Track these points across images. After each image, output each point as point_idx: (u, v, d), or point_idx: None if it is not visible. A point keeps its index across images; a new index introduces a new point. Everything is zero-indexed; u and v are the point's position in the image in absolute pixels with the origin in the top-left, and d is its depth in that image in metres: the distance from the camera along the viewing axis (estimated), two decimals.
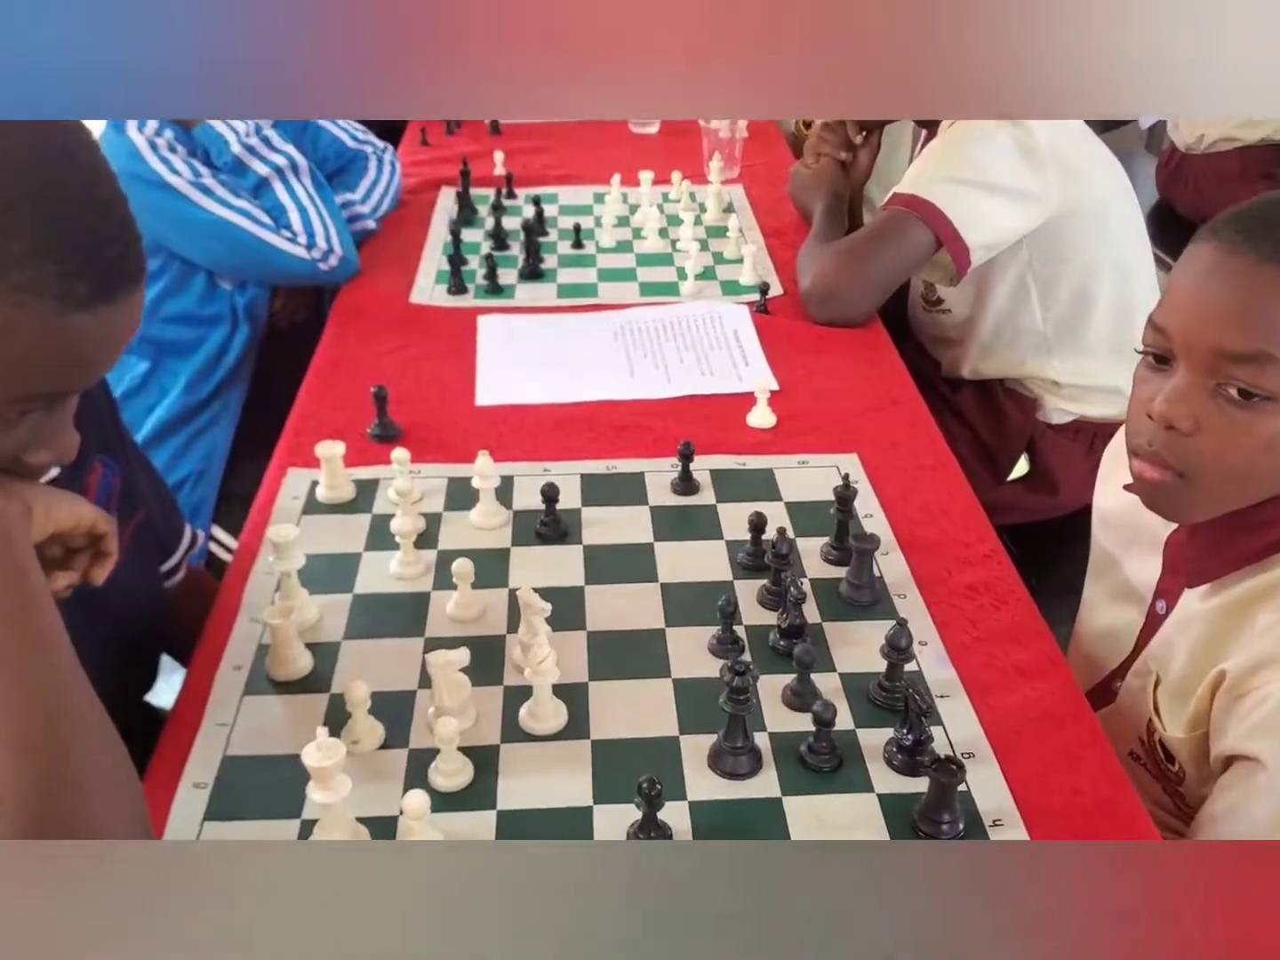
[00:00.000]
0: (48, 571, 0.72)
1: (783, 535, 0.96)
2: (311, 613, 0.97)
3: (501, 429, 1.28)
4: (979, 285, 1.57)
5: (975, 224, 1.45)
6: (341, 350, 1.45)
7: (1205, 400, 0.81)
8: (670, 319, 1.51)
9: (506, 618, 0.97)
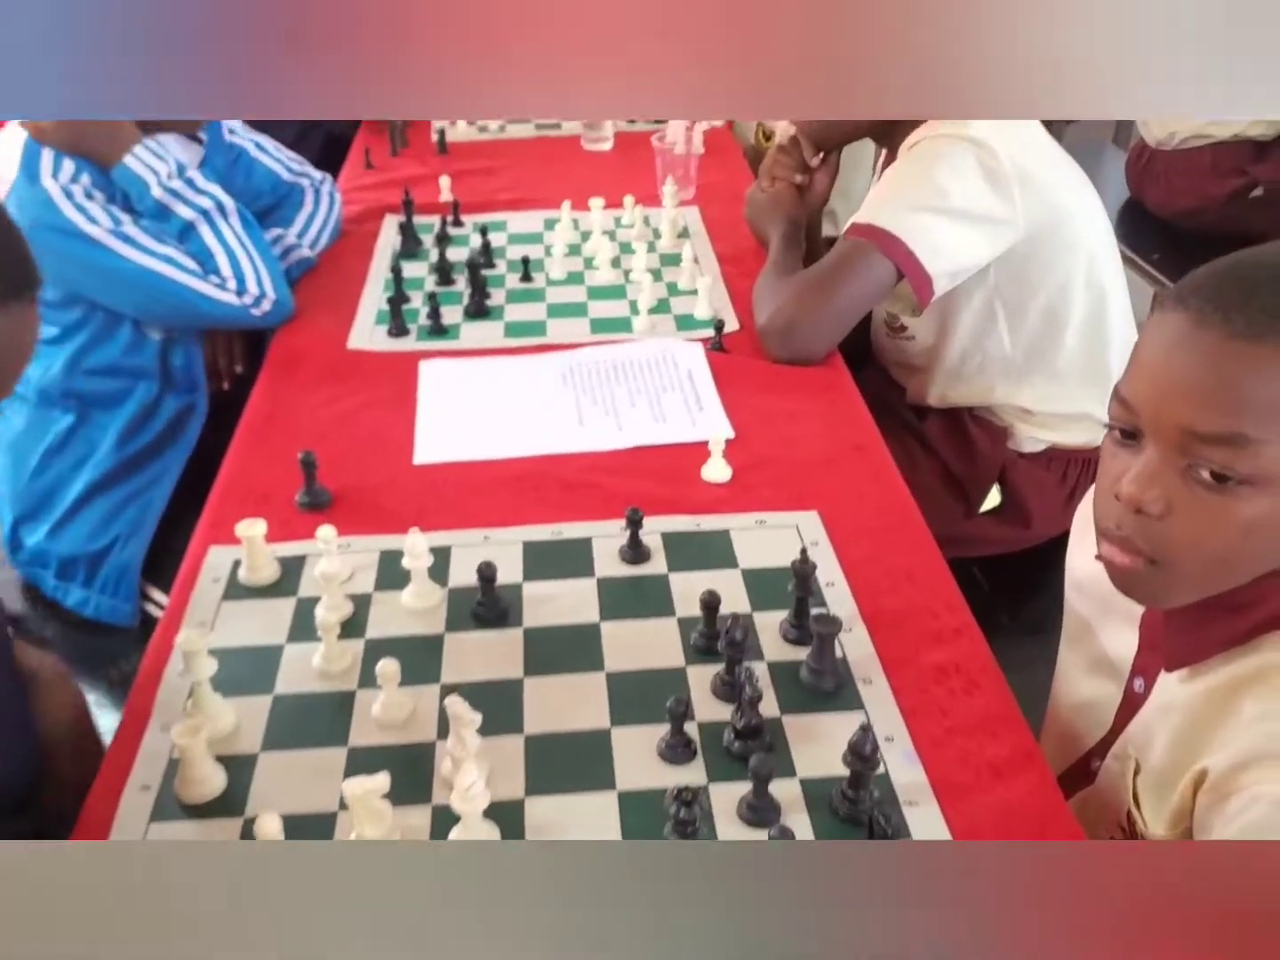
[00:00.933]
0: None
1: (736, 621, 0.89)
2: (226, 722, 0.90)
3: (441, 490, 1.20)
4: (944, 312, 1.50)
5: (938, 253, 1.38)
6: (275, 404, 1.36)
7: (1176, 481, 0.74)
8: (622, 359, 1.43)
9: (437, 721, 0.89)
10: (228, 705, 0.91)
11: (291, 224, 1.70)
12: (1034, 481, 1.58)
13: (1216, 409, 0.71)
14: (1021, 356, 1.52)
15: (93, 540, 1.55)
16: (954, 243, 1.39)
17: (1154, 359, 0.75)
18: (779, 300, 1.41)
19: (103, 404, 1.56)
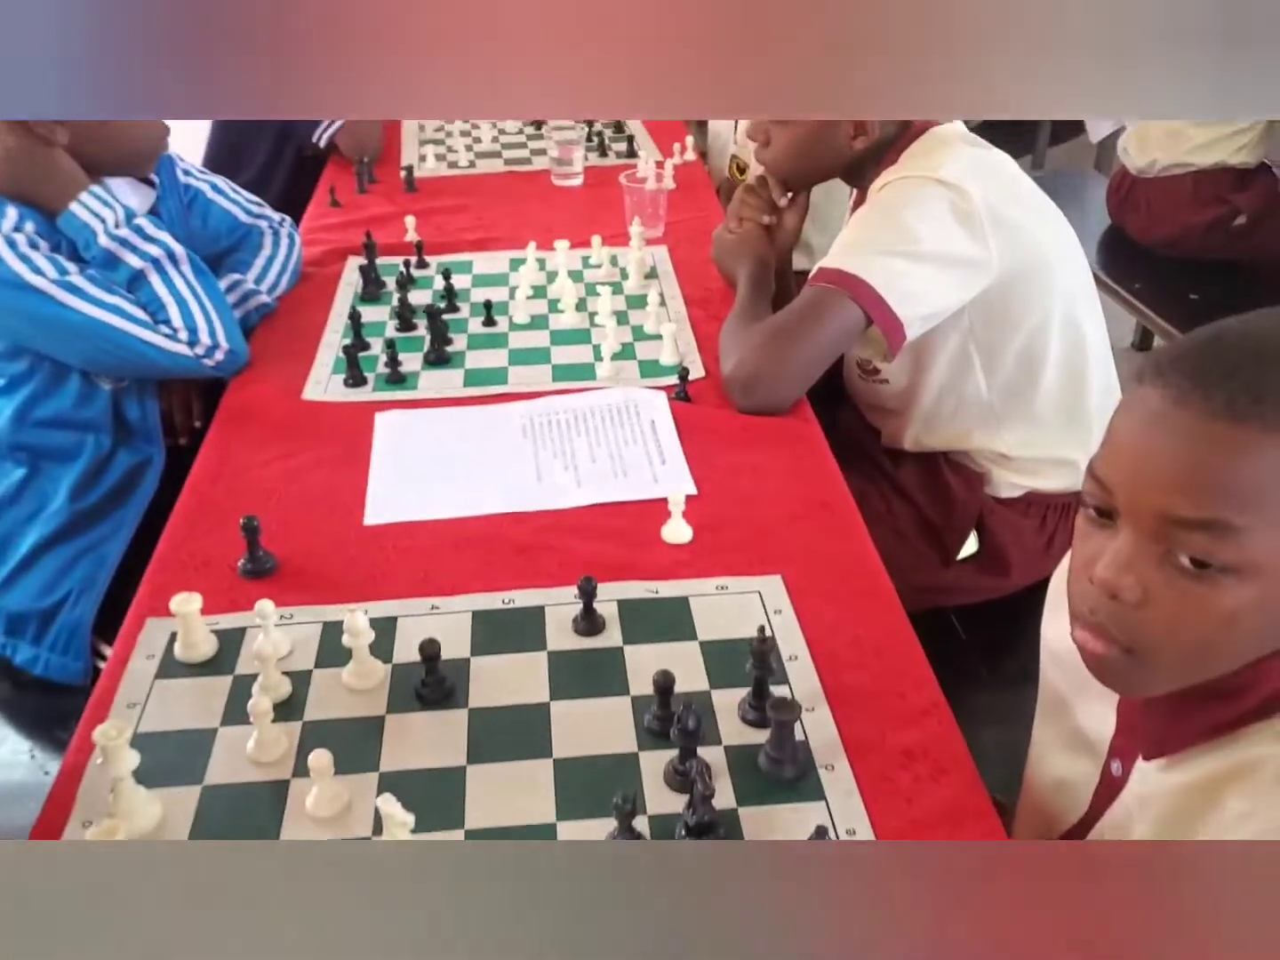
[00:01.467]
0: None
1: (690, 709, 0.84)
2: (149, 818, 0.85)
3: (390, 553, 1.15)
4: (918, 355, 1.46)
5: (909, 298, 1.34)
6: (223, 460, 1.32)
7: (1154, 567, 0.69)
8: (583, 408, 1.39)
9: (373, 815, 0.84)
10: (154, 799, 0.86)
11: (249, 268, 1.66)
12: (1012, 528, 1.53)
13: (1196, 494, 0.67)
14: (998, 400, 1.48)
15: (43, 596, 1.49)
16: (926, 287, 1.35)
17: (1131, 437, 0.71)
18: (744, 349, 1.37)
19: (54, 457, 1.51)
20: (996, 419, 1.49)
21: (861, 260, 1.34)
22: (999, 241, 1.35)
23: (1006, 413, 1.49)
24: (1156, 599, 0.69)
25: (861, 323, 1.34)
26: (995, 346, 1.45)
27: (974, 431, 1.51)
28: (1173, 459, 0.67)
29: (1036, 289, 1.42)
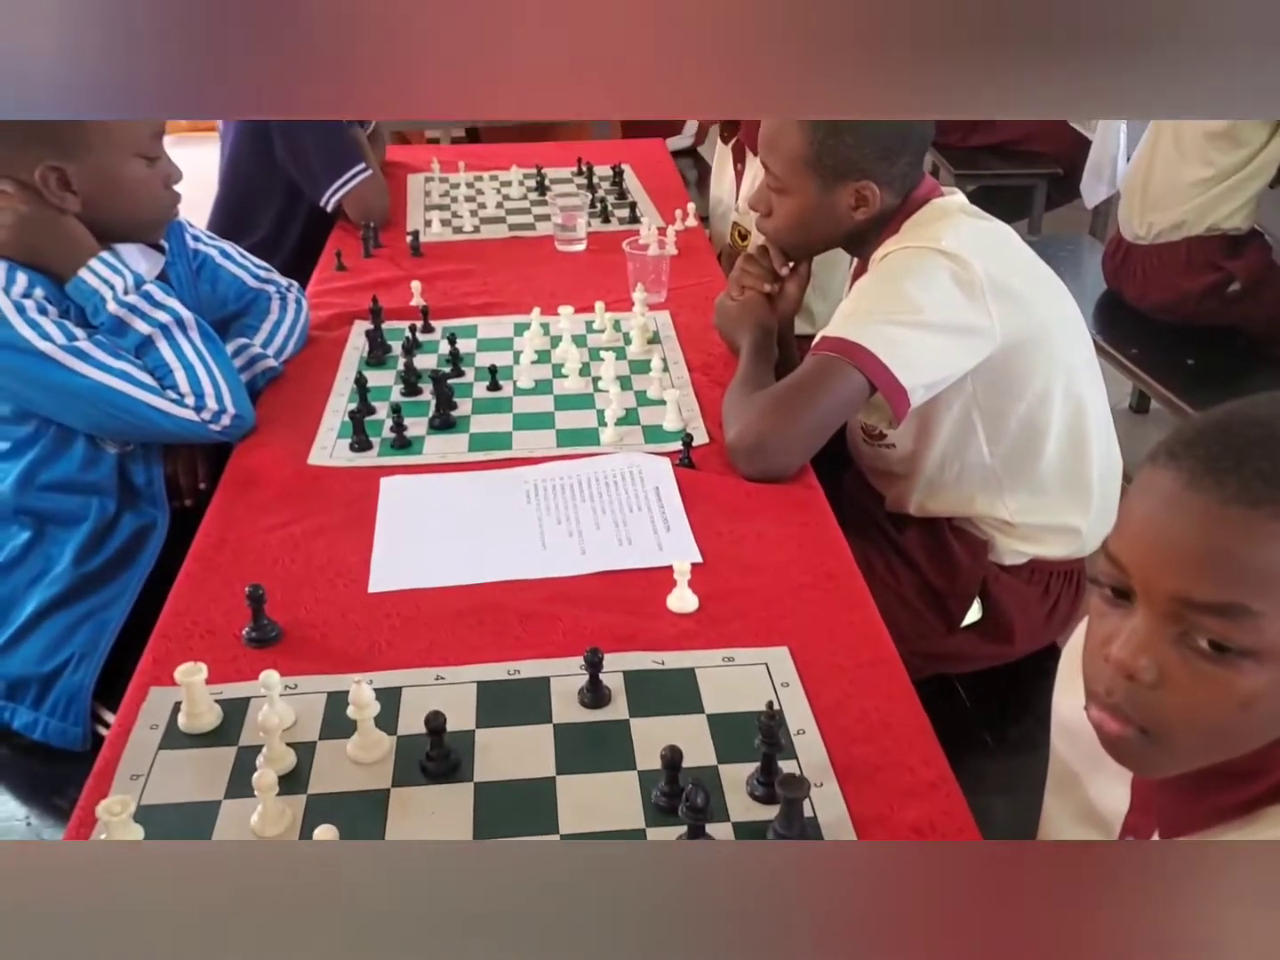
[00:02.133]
0: None
1: (699, 785, 0.83)
2: None
3: (394, 621, 1.15)
4: (922, 420, 1.47)
5: (913, 366, 1.35)
6: (228, 526, 1.32)
7: (1170, 649, 0.69)
8: (588, 474, 1.39)
9: None
10: None
11: (256, 332, 1.67)
12: (1016, 595, 1.53)
13: (1212, 578, 0.67)
14: (1001, 466, 1.49)
15: (44, 661, 1.48)
16: (929, 355, 1.36)
17: (1145, 519, 0.71)
18: (748, 416, 1.38)
19: (59, 520, 1.51)
20: (999, 485, 1.50)
21: (864, 328, 1.36)
22: (1000, 311, 1.37)
23: (1009, 479, 1.49)
24: (1173, 680, 0.69)
25: (865, 390, 1.35)
26: (998, 414, 1.45)
27: (977, 497, 1.51)
28: (1189, 543, 0.68)
29: (1038, 358, 1.44)
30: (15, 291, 1.39)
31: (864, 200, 1.45)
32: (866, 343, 1.34)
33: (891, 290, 1.39)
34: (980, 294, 1.36)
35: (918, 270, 1.38)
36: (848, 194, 1.45)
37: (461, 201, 2.38)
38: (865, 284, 1.43)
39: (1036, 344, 1.43)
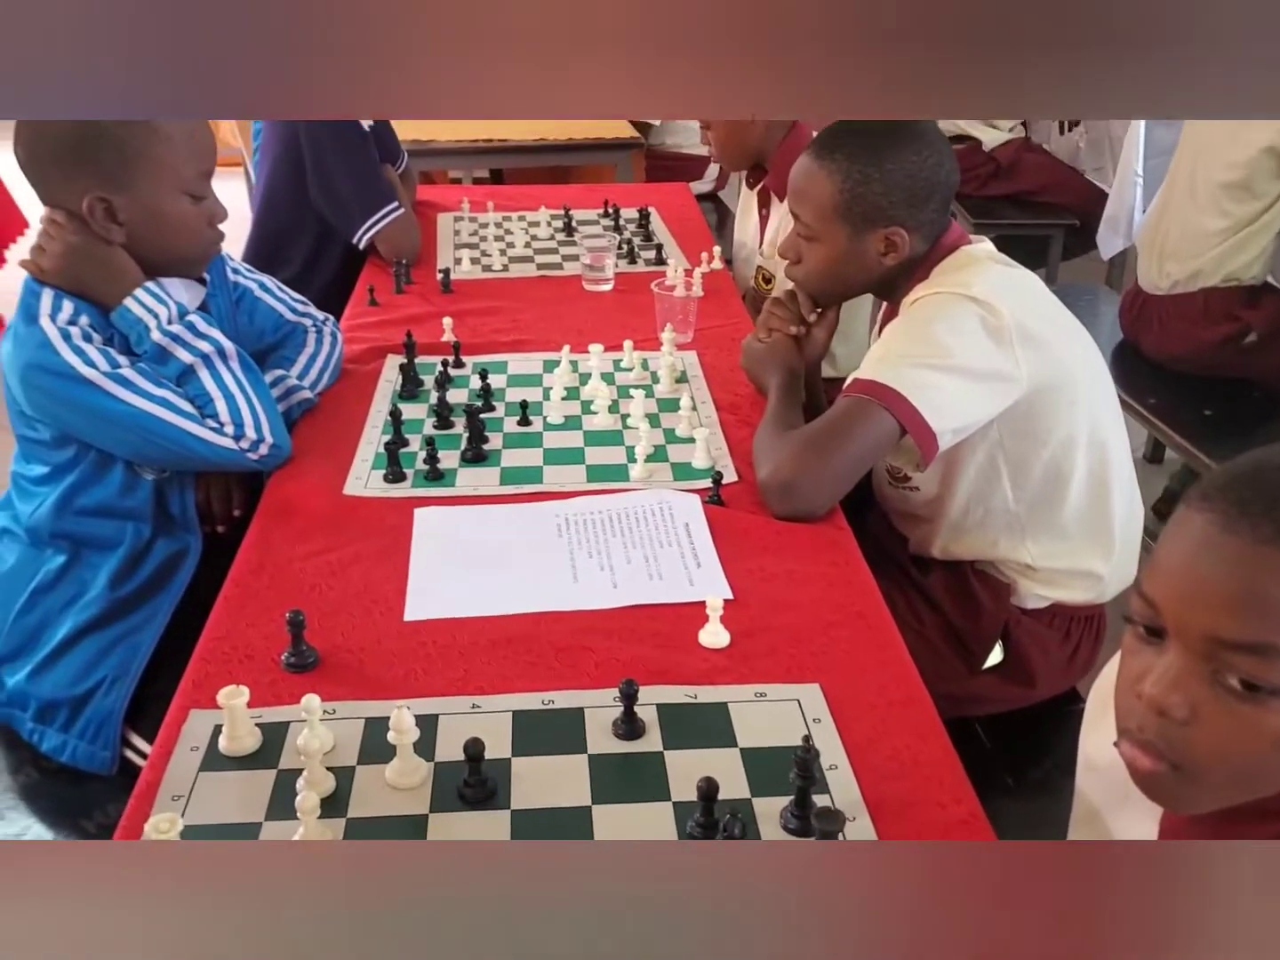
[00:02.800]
0: None
1: (735, 817, 0.85)
2: None
3: (430, 650, 1.17)
4: (947, 464, 1.49)
5: (943, 410, 1.37)
6: (265, 553, 1.34)
7: (1203, 687, 0.71)
8: (618, 509, 1.41)
9: None
10: None
11: (293, 364, 1.70)
12: (1037, 639, 1.55)
13: (1245, 617, 0.69)
14: (1025, 512, 1.51)
15: (76, 684, 1.50)
16: (958, 400, 1.38)
17: (1179, 560, 0.73)
18: (780, 456, 1.40)
19: (95, 545, 1.53)
20: (1022, 530, 1.51)
21: (896, 372, 1.38)
22: (1027, 357, 1.39)
23: (1032, 524, 1.51)
24: (1205, 718, 0.71)
25: (896, 433, 1.37)
26: (1023, 460, 1.47)
27: (1000, 541, 1.53)
28: (1222, 583, 0.70)
29: (1063, 404, 1.45)
30: (61, 318, 1.43)
31: (893, 246, 1.48)
32: (898, 386, 1.36)
33: (922, 334, 1.41)
34: (1008, 340, 1.38)
35: (948, 315, 1.40)
36: (877, 240, 1.48)
37: (491, 240, 2.43)
38: (897, 328, 1.46)
39: (1061, 390, 1.45)
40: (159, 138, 1.42)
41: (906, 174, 1.45)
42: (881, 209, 1.46)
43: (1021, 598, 1.54)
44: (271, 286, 1.75)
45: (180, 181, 1.46)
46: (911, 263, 1.50)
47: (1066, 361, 1.46)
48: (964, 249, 1.50)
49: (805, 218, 1.52)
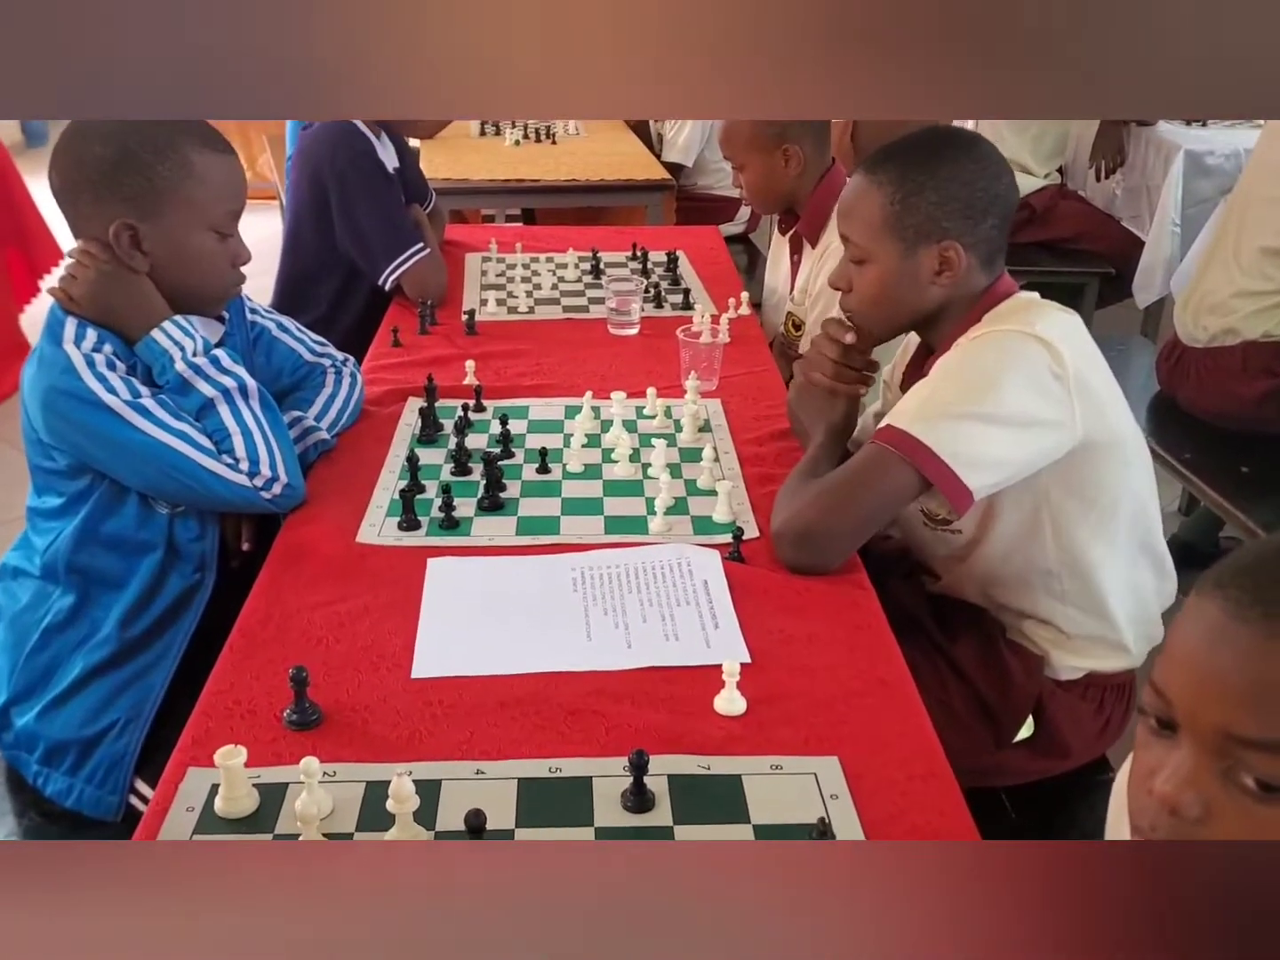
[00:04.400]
0: None
1: None
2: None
3: (435, 710, 1.13)
4: (988, 507, 1.41)
5: (979, 464, 1.31)
6: (274, 601, 1.31)
7: (1216, 784, 0.67)
8: (635, 564, 1.38)
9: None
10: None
11: (310, 405, 1.69)
12: (1070, 712, 1.48)
13: (1260, 713, 0.65)
14: (1066, 575, 1.44)
15: (86, 725, 1.47)
16: (1000, 451, 1.32)
17: (1190, 649, 0.69)
18: (796, 504, 1.36)
19: (107, 582, 1.51)
20: (1062, 593, 1.45)
21: (932, 424, 1.32)
22: (1083, 408, 1.32)
23: (1070, 587, 1.45)
24: (1219, 816, 0.67)
25: (916, 488, 1.33)
26: (1068, 519, 1.41)
27: (1039, 600, 1.47)
28: (1235, 676, 0.66)
29: (1115, 464, 1.40)
30: (85, 345, 1.41)
31: (948, 264, 1.39)
32: (930, 441, 1.31)
33: (975, 376, 1.34)
34: (1068, 386, 1.31)
35: (1008, 355, 1.33)
36: (931, 257, 1.39)
37: (518, 282, 2.41)
38: (949, 366, 1.38)
39: (1112, 449, 1.39)
40: (191, 172, 1.41)
41: (962, 182, 1.37)
42: (935, 220, 1.38)
43: (1055, 669, 1.48)
44: (290, 326, 1.74)
45: (207, 218, 1.45)
46: (964, 299, 1.42)
47: (1116, 420, 1.40)
48: (1019, 295, 1.44)
49: (855, 237, 1.45)
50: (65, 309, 1.45)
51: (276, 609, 1.30)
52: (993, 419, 1.31)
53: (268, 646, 1.23)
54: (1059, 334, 1.33)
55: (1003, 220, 1.41)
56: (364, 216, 2.22)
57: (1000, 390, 1.31)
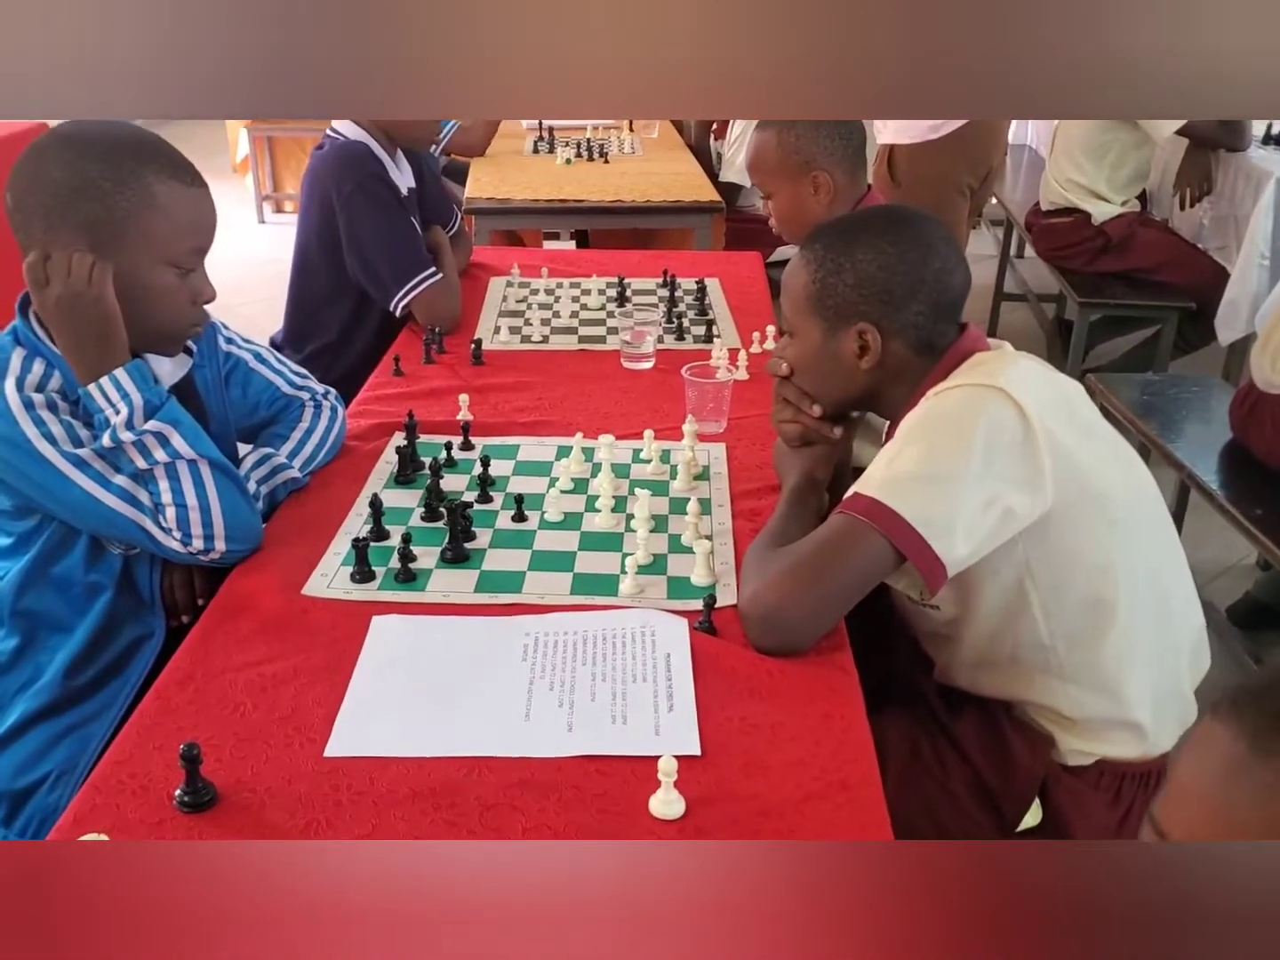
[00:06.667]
0: None
1: None
2: None
3: (341, 796, 1.02)
4: (964, 584, 1.29)
5: (954, 533, 1.19)
6: (199, 660, 1.22)
7: None
8: (595, 631, 1.26)
9: None
10: None
11: (284, 442, 1.60)
12: (1080, 802, 1.33)
13: None
14: (1063, 648, 1.29)
15: (20, 775, 1.40)
16: (974, 518, 1.20)
17: (1201, 784, 0.59)
18: (763, 578, 1.23)
19: (54, 625, 1.43)
20: (1060, 670, 1.30)
21: (899, 491, 1.20)
22: (1055, 466, 1.21)
23: (1071, 664, 1.30)
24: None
25: (892, 561, 1.20)
26: (1056, 586, 1.28)
27: (1036, 680, 1.32)
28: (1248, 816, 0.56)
29: (1098, 525, 1.27)
30: (29, 383, 1.33)
31: (866, 347, 1.33)
32: (901, 509, 1.19)
33: (938, 438, 1.24)
34: (1036, 443, 1.20)
35: (971, 413, 1.23)
36: (850, 339, 1.33)
37: (535, 309, 2.30)
38: (910, 429, 1.27)
39: (1093, 508, 1.26)
40: (152, 203, 1.32)
41: (880, 265, 1.31)
42: (851, 303, 1.32)
43: (1062, 753, 1.33)
44: (269, 357, 1.65)
45: (166, 253, 1.35)
46: (903, 372, 1.34)
47: (1101, 476, 1.27)
48: (980, 354, 1.33)
49: (785, 310, 1.42)
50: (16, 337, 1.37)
51: (200, 668, 1.20)
52: (963, 481, 1.20)
53: (179, 713, 1.13)
54: (1023, 383, 1.24)
55: (936, 307, 1.33)
56: (371, 240, 2.14)
57: (966, 452, 1.20)
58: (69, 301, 1.31)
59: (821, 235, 1.38)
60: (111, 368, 1.33)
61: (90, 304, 1.32)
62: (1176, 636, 1.36)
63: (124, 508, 1.32)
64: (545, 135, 3.99)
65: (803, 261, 1.38)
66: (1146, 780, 1.36)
